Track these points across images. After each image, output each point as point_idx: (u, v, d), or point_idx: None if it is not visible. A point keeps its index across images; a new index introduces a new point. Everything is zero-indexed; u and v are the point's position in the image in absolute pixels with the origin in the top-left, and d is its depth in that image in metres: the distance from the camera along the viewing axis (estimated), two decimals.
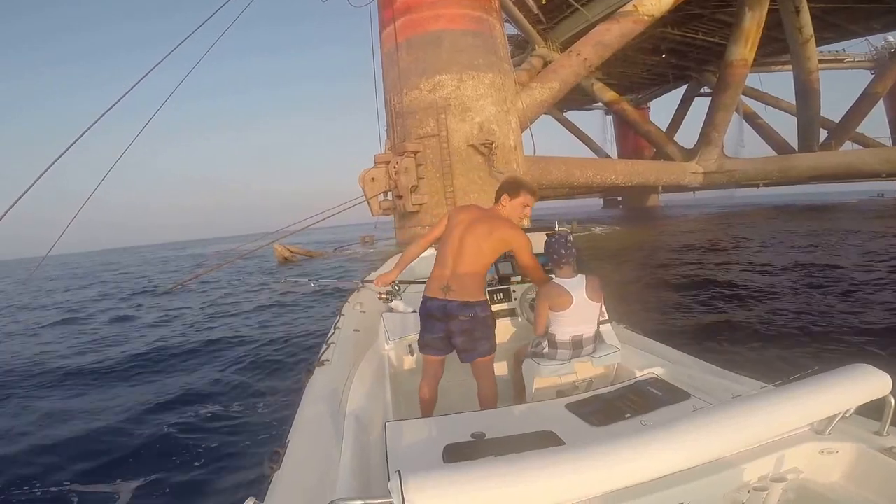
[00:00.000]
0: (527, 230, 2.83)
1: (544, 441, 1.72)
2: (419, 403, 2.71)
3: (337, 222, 14.23)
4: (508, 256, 3.32)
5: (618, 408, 2.00)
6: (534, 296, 3.11)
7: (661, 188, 34.39)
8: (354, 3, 15.62)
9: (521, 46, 28.95)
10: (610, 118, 47.26)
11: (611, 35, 22.18)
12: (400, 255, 3.54)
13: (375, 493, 1.14)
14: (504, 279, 3.43)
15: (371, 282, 3.87)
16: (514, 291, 3.43)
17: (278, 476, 1.62)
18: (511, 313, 3.38)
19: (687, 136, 35.98)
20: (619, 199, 52.60)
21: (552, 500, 1.05)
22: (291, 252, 22.50)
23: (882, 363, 1.38)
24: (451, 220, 2.72)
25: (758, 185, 32.08)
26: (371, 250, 24.25)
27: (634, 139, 42.75)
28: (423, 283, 2.78)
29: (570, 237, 2.71)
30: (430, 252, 2.90)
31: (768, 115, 39.25)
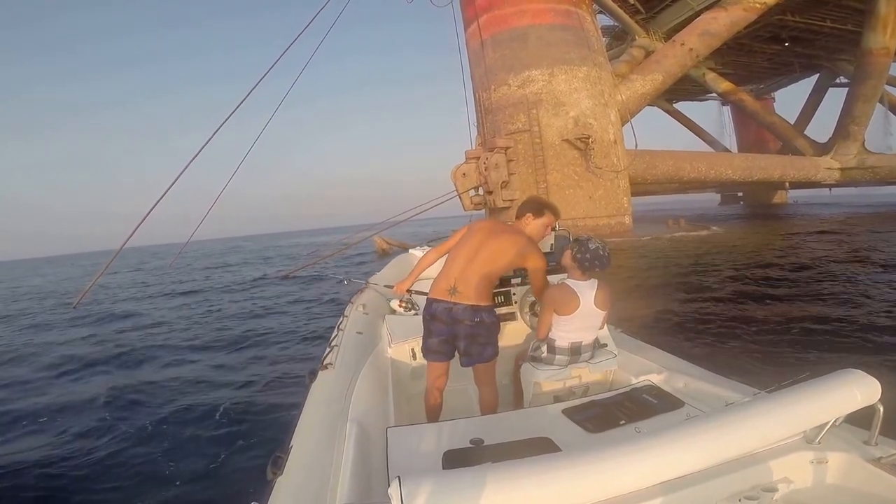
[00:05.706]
0: None
1: (540, 448, 1.75)
2: (425, 410, 2.67)
3: (433, 215, 15.00)
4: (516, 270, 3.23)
5: (613, 414, 2.03)
6: (534, 298, 3.13)
7: (787, 184, 31.23)
8: (437, 3, 16.19)
9: (619, 37, 27.76)
10: (727, 109, 43.31)
11: (718, 24, 20.69)
12: (402, 256, 3.73)
13: (376, 498, 1.20)
14: (504, 282, 3.32)
15: (377, 284, 4.11)
16: (514, 294, 3.39)
17: (280, 481, 1.60)
18: (511, 317, 3.35)
19: (820, 129, 32.06)
20: (740, 194, 47.87)
21: None
22: (389, 244, 23.73)
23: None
24: (469, 230, 2.69)
25: None
26: None
27: (756, 132, 38.64)
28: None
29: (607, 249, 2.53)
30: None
31: None
